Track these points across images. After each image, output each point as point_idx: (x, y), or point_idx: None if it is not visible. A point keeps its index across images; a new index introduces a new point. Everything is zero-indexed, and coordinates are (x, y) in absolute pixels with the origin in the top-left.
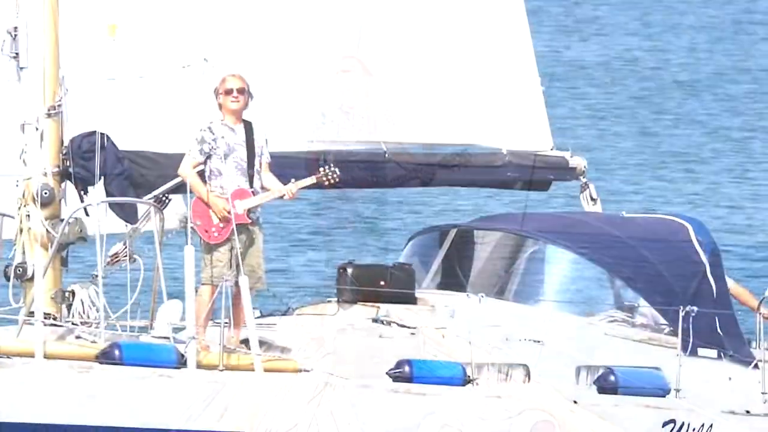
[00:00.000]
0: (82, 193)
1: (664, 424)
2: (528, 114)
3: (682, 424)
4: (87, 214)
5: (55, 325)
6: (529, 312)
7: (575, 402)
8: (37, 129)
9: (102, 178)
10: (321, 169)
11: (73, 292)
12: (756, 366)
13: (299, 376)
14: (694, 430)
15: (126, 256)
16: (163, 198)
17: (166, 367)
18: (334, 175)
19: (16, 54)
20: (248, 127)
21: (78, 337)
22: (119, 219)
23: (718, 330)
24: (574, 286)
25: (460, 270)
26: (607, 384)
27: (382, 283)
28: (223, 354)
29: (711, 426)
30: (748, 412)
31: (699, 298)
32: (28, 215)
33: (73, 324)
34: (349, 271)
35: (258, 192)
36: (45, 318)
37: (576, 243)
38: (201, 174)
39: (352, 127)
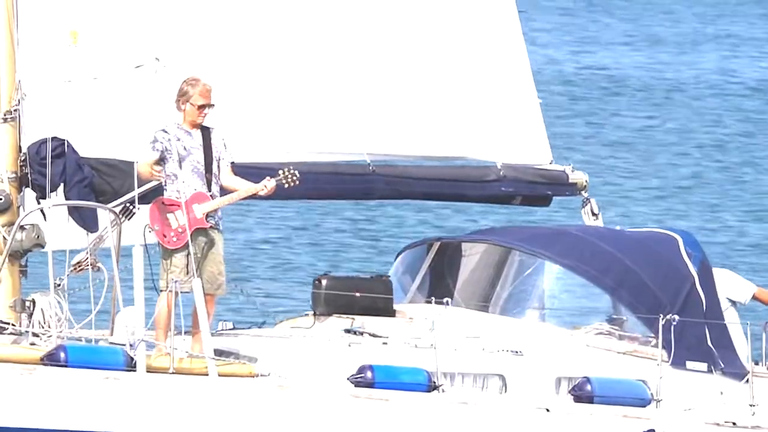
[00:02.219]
0: (42, 200)
1: None
2: (525, 126)
3: None
4: (45, 219)
5: (14, 333)
6: (513, 324)
7: (547, 410)
8: None
9: (62, 185)
10: (280, 171)
11: (33, 301)
12: (748, 380)
13: (255, 380)
14: None
15: (89, 264)
16: (130, 207)
17: (113, 370)
18: (295, 177)
19: None
20: (205, 131)
21: (33, 344)
22: (78, 227)
23: (709, 343)
24: (559, 298)
25: (443, 282)
26: (582, 393)
27: (358, 295)
28: (173, 358)
29: None
30: (734, 423)
31: (687, 311)
32: None
33: (34, 335)
34: (324, 282)
35: (216, 196)
36: None
37: (561, 254)
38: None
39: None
